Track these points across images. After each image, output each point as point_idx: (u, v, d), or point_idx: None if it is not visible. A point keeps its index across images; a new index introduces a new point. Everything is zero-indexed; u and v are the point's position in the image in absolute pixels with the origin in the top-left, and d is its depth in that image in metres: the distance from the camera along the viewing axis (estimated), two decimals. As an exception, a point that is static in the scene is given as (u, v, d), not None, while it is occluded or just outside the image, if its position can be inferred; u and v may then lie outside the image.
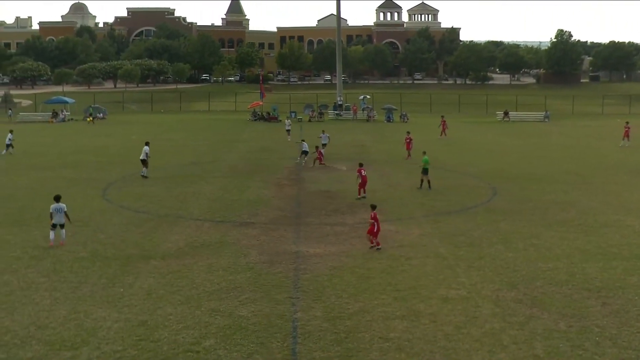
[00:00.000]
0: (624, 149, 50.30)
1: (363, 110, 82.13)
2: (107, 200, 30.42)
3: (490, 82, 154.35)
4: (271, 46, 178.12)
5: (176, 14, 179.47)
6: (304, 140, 43.52)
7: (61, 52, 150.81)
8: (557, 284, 18.53)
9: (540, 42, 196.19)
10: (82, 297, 17.40)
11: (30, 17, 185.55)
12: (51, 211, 22.46)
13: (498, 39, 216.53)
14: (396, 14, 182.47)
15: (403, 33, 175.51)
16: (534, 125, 74.50)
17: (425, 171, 32.91)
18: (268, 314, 16.27)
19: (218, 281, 18.75)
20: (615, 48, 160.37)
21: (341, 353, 14.18)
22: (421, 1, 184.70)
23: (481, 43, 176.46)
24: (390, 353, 14.18)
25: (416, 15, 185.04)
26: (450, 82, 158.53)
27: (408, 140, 44.11)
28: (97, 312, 16.32)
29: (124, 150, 47.78)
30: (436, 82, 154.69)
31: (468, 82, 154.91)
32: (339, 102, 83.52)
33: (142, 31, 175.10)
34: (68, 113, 79.37)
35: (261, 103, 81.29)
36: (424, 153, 33.70)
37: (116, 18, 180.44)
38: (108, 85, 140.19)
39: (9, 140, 47.83)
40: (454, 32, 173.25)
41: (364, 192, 30.69)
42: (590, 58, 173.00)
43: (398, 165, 41.06)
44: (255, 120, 76.69)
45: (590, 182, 35.58)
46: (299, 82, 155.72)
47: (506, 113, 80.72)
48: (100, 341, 14.65)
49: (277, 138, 56.44)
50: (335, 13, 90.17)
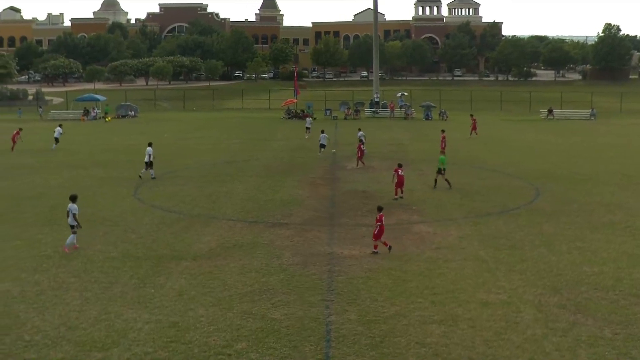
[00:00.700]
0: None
1: (400, 107, 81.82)
2: (139, 199, 30.81)
3: (533, 79, 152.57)
4: (306, 42, 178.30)
5: (209, 10, 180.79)
6: (324, 131, 45.68)
7: (93, 49, 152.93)
8: (603, 289, 18.29)
9: (586, 37, 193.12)
10: (113, 298, 17.67)
11: (62, 14, 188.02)
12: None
13: (542, 34, 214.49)
14: (435, 8, 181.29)
15: (442, 28, 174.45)
16: (580, 123, 73.54)
17: (439, 171, 33.40)
18: (301, 317, 16.34)
19: (250, 283, 18.88)
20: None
21: (376, 358, 14.18)
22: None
23: (524, 38, 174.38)
24: (427, 359, 14.14)
25: (456, 9, 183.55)
26: (491, 79, 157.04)
27: (443, 139, 43.94)
28: (128, 313, 16.57)
29: (156, 148, 48.13)
30: (477, 79, 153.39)
31: (510, 79, 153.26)
32: (376, 99, 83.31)
33: (175, 27, 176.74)
34: (99, 111, 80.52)
35: (295, 101, 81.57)
36: (442, 153, 34.75)
37: (148, 14, 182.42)
38: (140, 82, 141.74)
39: (58, 134, 49.53)
40: (496, 27, 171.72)
41: (402, 193, 30.68)
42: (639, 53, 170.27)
43: (437, 164, 40.79)
44: (289, 118, 76.88)
45: (638, 183, 35.01)
46: (335, 79, 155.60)
47: (550, 111, 79.79)
48: (130, 342, 14.87)
49: (312, 136, 56.52)
50: (372, 7, 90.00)
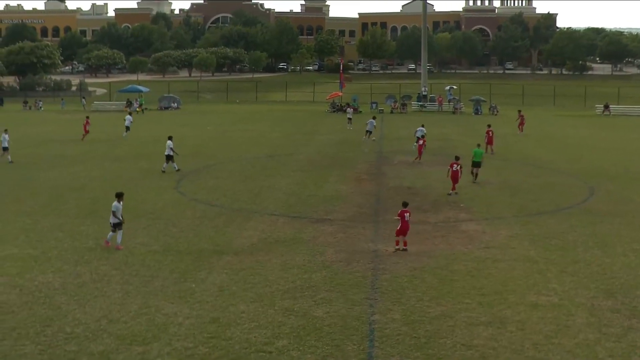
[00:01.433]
0: None
1: (449, 101, 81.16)
2: (180, 192, 31.16)
3: (589, 73, 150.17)
4: (352, 33, 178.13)
5: (253, 0, 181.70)
6: (375, 117, 47.98)
7: (136, 40, 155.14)
8: (660, 294, 17.92)
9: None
10: (154, 292, 17.92)
11: (106, 4, 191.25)
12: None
13: (599, 26, 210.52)
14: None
15: (494, 19, 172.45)
16: (638, 119, 72.03)
17: (475, 164, 33.74)
18: (344, 315, 16.35)
19: (292, 279, 18.96)
20: None
21: (421, 359, 14.13)
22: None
23: (580, 30, 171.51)
24: (473, 361, 14.05)
25: (508, 0, 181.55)
26: (544, 72, 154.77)
27: (490, 134, 43.87)
28: (169, 307, 16.78)
29: (199, 141, 48.74)
30: (529, 72, 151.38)
31: (564, 73, 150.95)
32: (424, 93, 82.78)
33: (219, 18, 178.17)
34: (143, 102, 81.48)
35: (340, 94, 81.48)
36: (478, 145, 35.04)
37: (192, 5, 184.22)
38: (183, 74, 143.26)
39: (129, 122, 51.79)
40: (550, 18, 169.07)
41: (453, 188, 30.70)
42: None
43: (487, 161, 40.39)
44: (334, 111, 76.84)
45: (700, 183, 34.18)
46: (381, 72, 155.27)
47: (607, 106, 78.28)
48: (171, 337, 15.06)
49: (357, 130, 56.44)
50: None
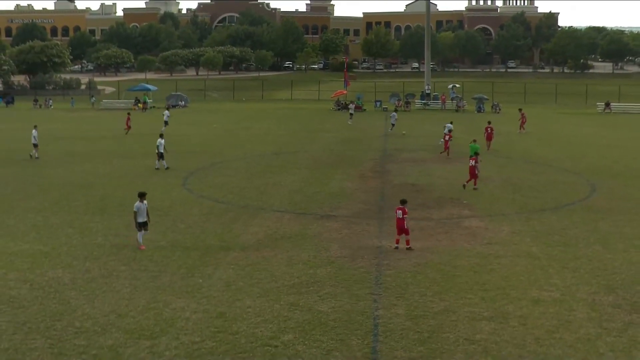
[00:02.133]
0: None
1: (452, 99, 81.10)
2: (188, 189, 31.18)
3: (590, 71, 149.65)
4: (356, 32, 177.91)
5: (260, 0, 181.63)
6: (397, 111, 51.21)
7: (144, 39, 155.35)
8: (661, 289, 17.86)
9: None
10: (162, 287, 17.94)
11: (114, 4, 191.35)
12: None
13: (600, 25, 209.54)
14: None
15: (497, 18, 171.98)
16: (639, 117, 71.77)
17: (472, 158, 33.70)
18: (349, 310, 16.34)
19: (298, 275, 18.96)
20: None
21: (424, 353, 14.11)
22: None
23: (581, 29, 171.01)
24: (476, 356, 14.02)
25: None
26: (546, 71, 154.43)
27: (489, 130, 43.96)
28: (176, 302, 16.80)
29: (206, 139, 48.74)
30: (531, 71, 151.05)
31: (566, 71, 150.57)
32: (427, 91, 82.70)
33: (225, 17, 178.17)
34: (151, 100, 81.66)
35: (345, 92, 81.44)
36: (474, 141, 34.90)
37: (199, 4, 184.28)
38: (190, 72, 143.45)
39: (167, 117, 53.94)
40: (552, 17, 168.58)
41: (467, 183, 31.00)
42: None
43: (489, 158, 40.33)
44: (338, 109, 76.77)
45: (700, 180, 34.04)
46: (385, 70, 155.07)
47: (607, 104, 78.01)
48: (178, 331, 15.08)
49: (362, 128, 56.42)
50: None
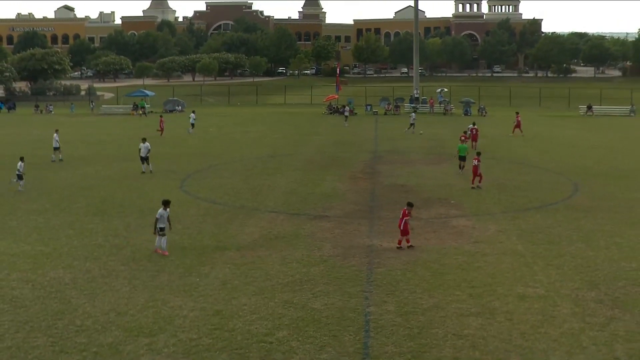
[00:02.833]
0: None
1: (440, 103, 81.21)
2: (185, 191, 31.13)
3: (573, 75, 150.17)
4: (347, 39, 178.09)
5: (254, 8, 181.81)
6: (416, 110, 50.36)
7: (142, 46, 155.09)
8: (641, 285, 17.94)
9: (627, 34, 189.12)
10: (160, 286, 17.93)
11: (113, 12, 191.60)
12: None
13: (582, 30, 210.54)
14: (475, 5, 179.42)
15: (482, 25, 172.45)
16: (619, 119, 71.99)
17: (460, 158, 35.12)
18: (341, 307, 16.37)
19: (292, 273, 18.98)
20: None
21: (414, 348, 14.15)
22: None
23: (564, 35, 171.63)
24: (464, 350, 14.06)
25: (496, 6, 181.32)
26: (530, 75, 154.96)
27: (474, 131, 44.42)
28: (174, 301, 16.80)
29: (202, 142, 48.72)
30: (516, 75, 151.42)
31: (550, 75, 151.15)
32: (416, 95, 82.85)
33: (220, 25, 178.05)
34: (149, 106, 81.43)
35: (337, 96, 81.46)
36: (462, 141, 36.14)
37: (195, 12, 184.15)
38: (187, 78, 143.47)
39: (193, 119, 54.23)
40: (536, 24, 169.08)
41: (473, 182, 31.53)
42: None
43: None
44: (330, 113, 76.81)
45: (679, 180, 34.19)
46: (375, 75, 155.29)
47: (589, 107, 78.24)
48: (176, 329, 15.08)
49: (353, 131, 56.48)
50: (412, 5, 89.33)
